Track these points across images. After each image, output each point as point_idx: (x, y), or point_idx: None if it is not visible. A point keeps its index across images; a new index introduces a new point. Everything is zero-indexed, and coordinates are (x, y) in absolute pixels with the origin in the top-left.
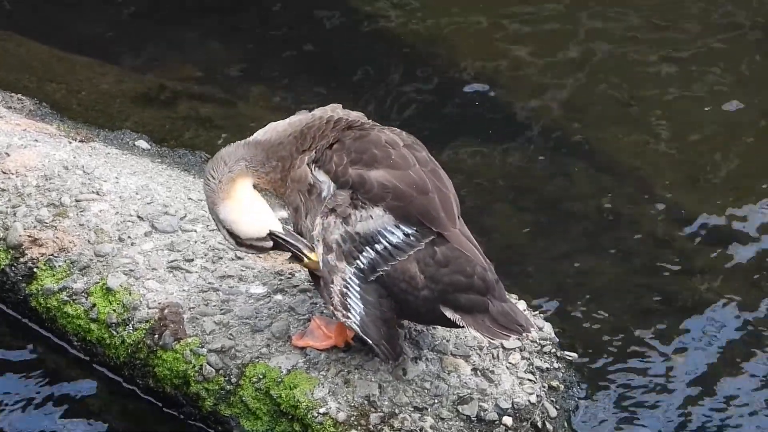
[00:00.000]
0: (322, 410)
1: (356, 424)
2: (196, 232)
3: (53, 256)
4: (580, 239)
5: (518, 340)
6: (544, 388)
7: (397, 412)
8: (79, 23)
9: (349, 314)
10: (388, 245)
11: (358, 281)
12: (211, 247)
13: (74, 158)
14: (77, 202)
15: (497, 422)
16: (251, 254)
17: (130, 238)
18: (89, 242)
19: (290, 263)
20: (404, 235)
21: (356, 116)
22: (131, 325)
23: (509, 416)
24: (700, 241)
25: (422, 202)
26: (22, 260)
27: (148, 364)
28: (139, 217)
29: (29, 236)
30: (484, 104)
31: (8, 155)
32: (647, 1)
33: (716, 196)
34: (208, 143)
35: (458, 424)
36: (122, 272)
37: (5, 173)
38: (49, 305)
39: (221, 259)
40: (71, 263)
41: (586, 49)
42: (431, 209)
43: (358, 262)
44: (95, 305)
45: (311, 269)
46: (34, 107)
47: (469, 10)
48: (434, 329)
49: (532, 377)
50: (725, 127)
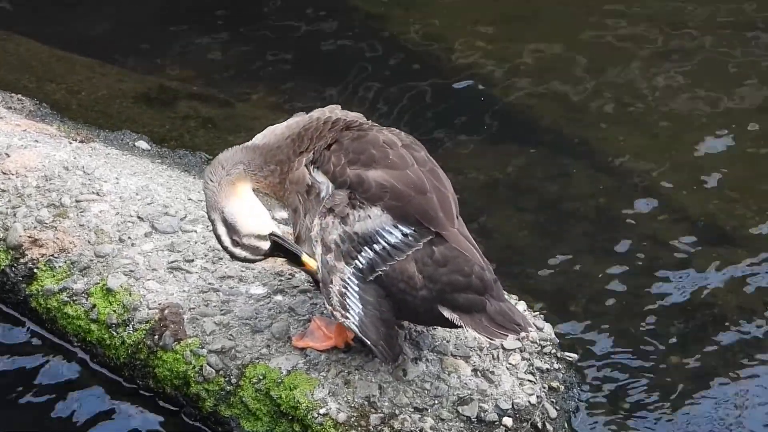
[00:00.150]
0: (322, 411)
1: (356, 425)
2: (196, 232)
3: (53, 256)
4: (580, 240)
5: (517, 339)
6: (544, 388)
7: (397, 412)
8: (79, 23)
9: (347, 314)
10: (386, 245)
11: (356, 281)
12: (211, 247)
13: (74, 159)
14: (77, 202)
15: (497, 423)
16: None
17: (130, 238)
18: (89, 243)
19: (288, 267)
20: (402, 235)
21: (355, 116)
22: (131, 325)
23: (509, 417)
24: (700, 241)
25: (420, 201)
26: (22, 261)
27: (148, 364)
28: (139, 217)
29: (29, 237)
30: (483, 104)
31: (8, 156)
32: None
33: (716, 196)
34: (208, 143)
35: (458, 424)
36: (122, 273)
37: (5, 174)
38: (49, 306)
39: (221, 259)
40: (71, 264)
41: (586, 49)
42: (429, 209)
43: (356, 262)
44: (95, 306)
45: (309, 273)
46: (34, 108)
47: (468, 9)
48: (434, 330)
49: (532, 378)
50: (725, 127)
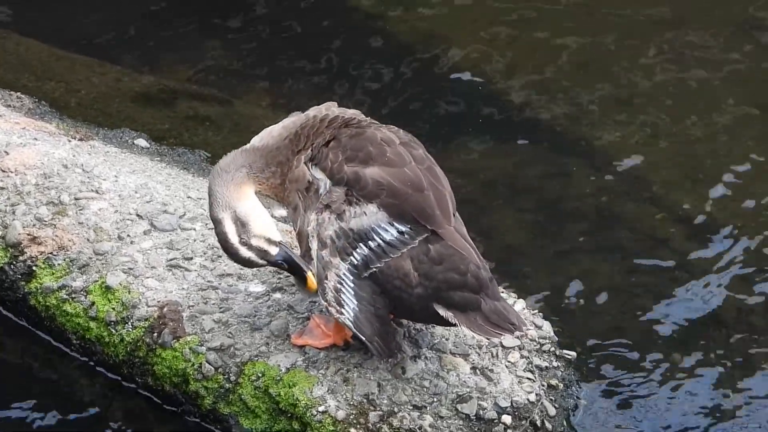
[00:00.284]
0: (321, 408)
1: (355, 422)
2: (195, 230)
3: (52, 254)
4: (578, 238)
5: (516, 338)
6: (543, 386)
7: (396, 410)
8: (78, 22)
9: (342, 310)
10: (381, 242)
11: (351, 277)
12: (210, 245)
13: (73, 157)
14: (76, 200)
15: (496, 421)
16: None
17: (129, 236)
18: (88, 240)
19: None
20: (398, 232)
21: (353, 114)
22: (130, 323)
23: (508, 415)
24: (699, 240)
25: (417, 199)
26: (21, 258)
27: (147, 362)
28: (138, 215)
29: (28, 234)
30: (482, 103)
31: (7, 153)
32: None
33: (715, 195)
34: (207, 142)
35: (457, 422)
36: (121, 270)
37: (4, 171)
38: (48, 303)
39: (220, 257)
40: (70, 261)
41: (585, 48)
42: (426, 207)
43: (351, 258)
44: (94, 303)
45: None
46: (33, 106)
47: (468, 8)
48: (433, 328)
49: (531, 376)
50: (724, 126)
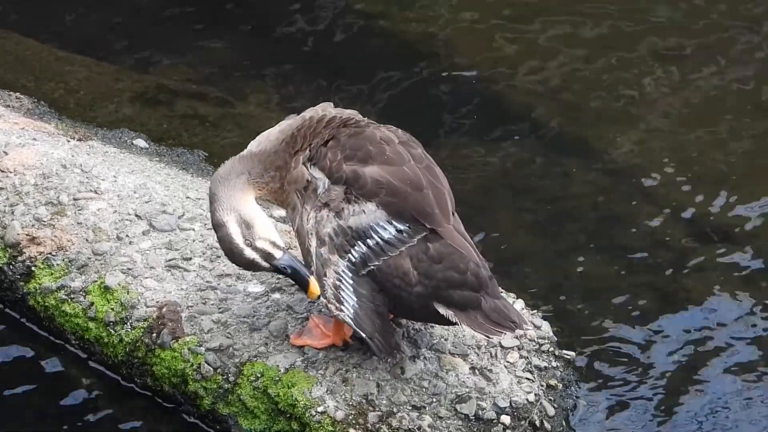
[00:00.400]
0: (320, 409)
1: (354, 422)
2: (194, 230)
3: (51, 254)
4: (577, 238)
5: (515, 338)
6: (542, 386)
7: (395, 410)
8: (77, 22)
9: (342, 307)
10: (379, 240)
11: (350, 274)
12: (209, 245)
13: (72, 157)
14: (75, 200)
15: (495, 421)
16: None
17: (128, 236)
18: (87, 241)
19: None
20: (396, 231)
21: (350, 114)
22: (129, 323)
23: (507, 415)
24: (698, 239)
25: (416, 198)
26: (20, 259)
27: (146, 362)
28: (137, 215)
29: (27, 235)
30: (481, 103)
31: (6, 154)
32: None
33: (714, 194)
34: (205, 142)
35: (456, 422)
36: (120, 271)
37: (3, 172)
38: (47, 304)
39: (219, 257)
40: (69, 262)
41: (584, 47)
42: (426, 205)
43: (350, 255)
44: (93, 304)
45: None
46: (32, 106)
47: (467, 8)
48: (432, 328)
49: (530, 376)
50: (724, 125)
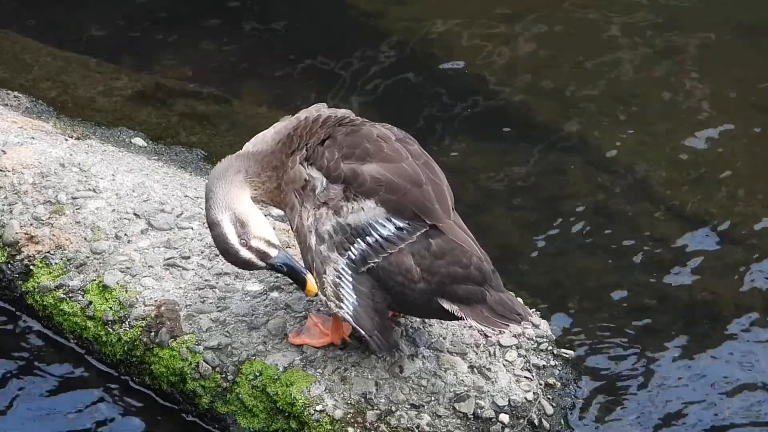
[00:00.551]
0: (318, 407)
1: (353, 421)
2: (192, 229)
3: (50, 253)
4: (576, 237)
5: (514, 337)
6: (540, 385)
7: (393, 409)
8: (74, 22)
9: (341, 304)
10: (379, 238)
11: (350, 272)
12: (207, 244)
13: (70, 156)
14: (74, 199)
15: (494, 420)
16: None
17: (126, 235)
18: (86, 239)
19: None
20: (396, 228)
21: (344, 113)
22: (128, 322)
23: (506, 414)
24: (696, 238)
25: (416, 194)
26: (18, 258)
27: (144, 361)
28: (135, 214)
29: (26, 234)
30: (480, 102)
31: (4, 153)
32: None
33: (713, 193)
34: (204, 141)
35: (455, 421)
36: (119, 270)
37: (1, 171)
38: (45, 303)
39: (218, 256)
40: (68, 261)
41: (582, 46)
42: (426, 201)
43: (349, 253)
44: (92, 303)
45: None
46: (30, 105)
47: (465, 7)
48: (430, 327)
49: (528, 375)
50: (722, 124)
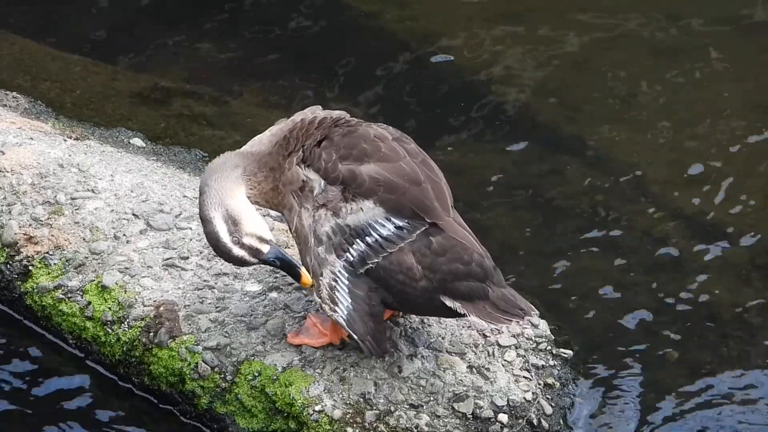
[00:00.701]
0: (317, 408)
1: (352, 421)
2: (191, 229)
3: (48, 253)
4: (574, 236)
5: (513, 336)
6: (539, 385)
7: (392, 409)
8: (73, 22)
9: (336, 308)
10: (378, 237)
11: (347, 274)
12: (206, 244)
13: (69, 156)
14: (72, 200)
15: (493, 420)
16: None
17: (125, 235)
18: (84, 240)
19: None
20: (395, 228)
21: (339, 114)
22: (126, 323)
23: (505, 414)
24: (694, 238)
25: (415, 192)
26: (17, 258)
27: (143, 362)
28: (134, 214)
29: (24, 234)
30: (477, 101)
31: (3, 153)
32: None
33: (710, 193)
34: (202, 141)
35: (454, 421)
36: (117, 270)
37: (0, 171)
38: (44, 303)
39: (216, 256)
40: (66, 261)
41: (581, 46)
42: (425, 199)
43: (347, 255)
44: (90, 303)
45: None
46: (29, 105)
47: (463, 7)
48: (429, 326)
49: (527, 375)
50: (720, 124)
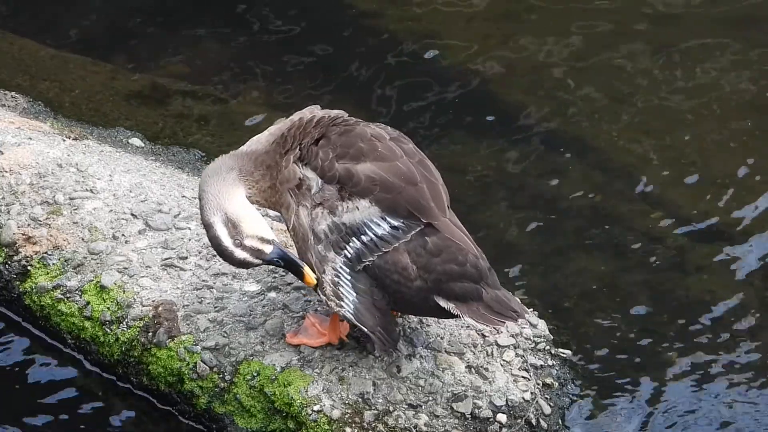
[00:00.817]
0: (316, 408)
1: (350, 421)
2: (189, 229)
3: (47, 254)
4: (573, 236)
5: (511, 336)
6: (538, 385)
7: (391, 409)
8: (71, 21)
9: (342, 303)
10: (373, 236)
11: (348, 270)
12: (204, 244)
13: (68, 156)
14: (71, 200)
15: (491, 419)
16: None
17: (124, 235)
18: (83, 240)
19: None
20: (390, 227)
21: (337, 113)
22: (125, 323)
23: (503, 413)
24: (693, 238)
25: (411, 192)
26: (15, 258)
27: (142, 361)
28: (132, 214)
29: (23, 234)
30: (476, 101)
31: (2, 153)
32: None
33: (709, 193)
34: (201, 141)
35: (452, 421)
36: (116, 270)
37: None
38: (42, 303)
39: (215, 256)
40: (65, 261)
41: (579, 46)
42: (421, 199)
43: (345, 252)
44: (89, 303)
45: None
46: (27, 105)
47: (462, 7)
48: (428, 326)
49: (526, 374)
50: (718, 124)
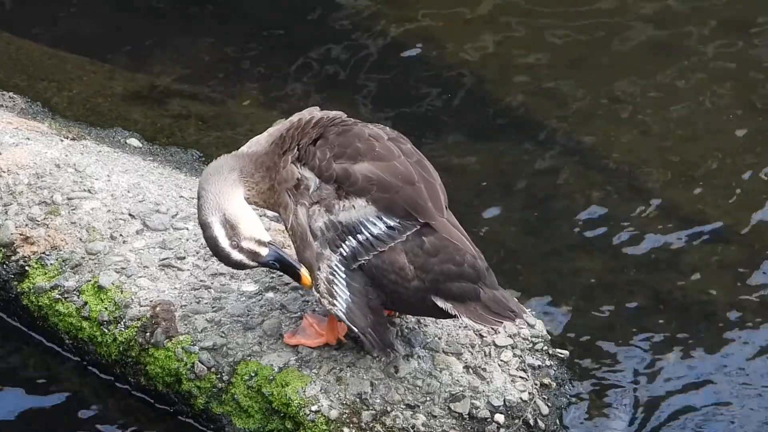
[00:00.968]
0: (314, 408)
1: (348, 421)
2: (187, 230)
3: (45, 254)
4: (571, 237)
5: (509, 337)
6: (536, 385)
7: (389, 409)
8: (70, 21)
9: (335, 301)
10: (369, 236)
11: (343, 268)
12: (202, 244)
13: (66, 156)
14: (69, 200)
15: (489, 420)
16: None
17: (121, 236)
18: (81, 240)
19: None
20: (387, 227)
21: (336, 114)
22: (123, 323)
23: (501, 414)
24: (691, 238)
25: (408, 192)
26: (13, 258)
27: (139, 362)
28: (130, 215)
29: (21, 234)
30: (473, 101)
31: (0, 153)
32: None
33: (707, 193)
34: (199, 141)
35: (450, 421)
36: (114, 270)
37: None
38: (40, 303)
39: (212, 257)
40: (63, 261)
41: (577, 46)
42: (418, 199)
43: (341, 250)
44: (87, 303)
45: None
46: (25, 105)
47: (461, 7)
48: (426, 327)
49: (523, 375)
50: (716, 123)
